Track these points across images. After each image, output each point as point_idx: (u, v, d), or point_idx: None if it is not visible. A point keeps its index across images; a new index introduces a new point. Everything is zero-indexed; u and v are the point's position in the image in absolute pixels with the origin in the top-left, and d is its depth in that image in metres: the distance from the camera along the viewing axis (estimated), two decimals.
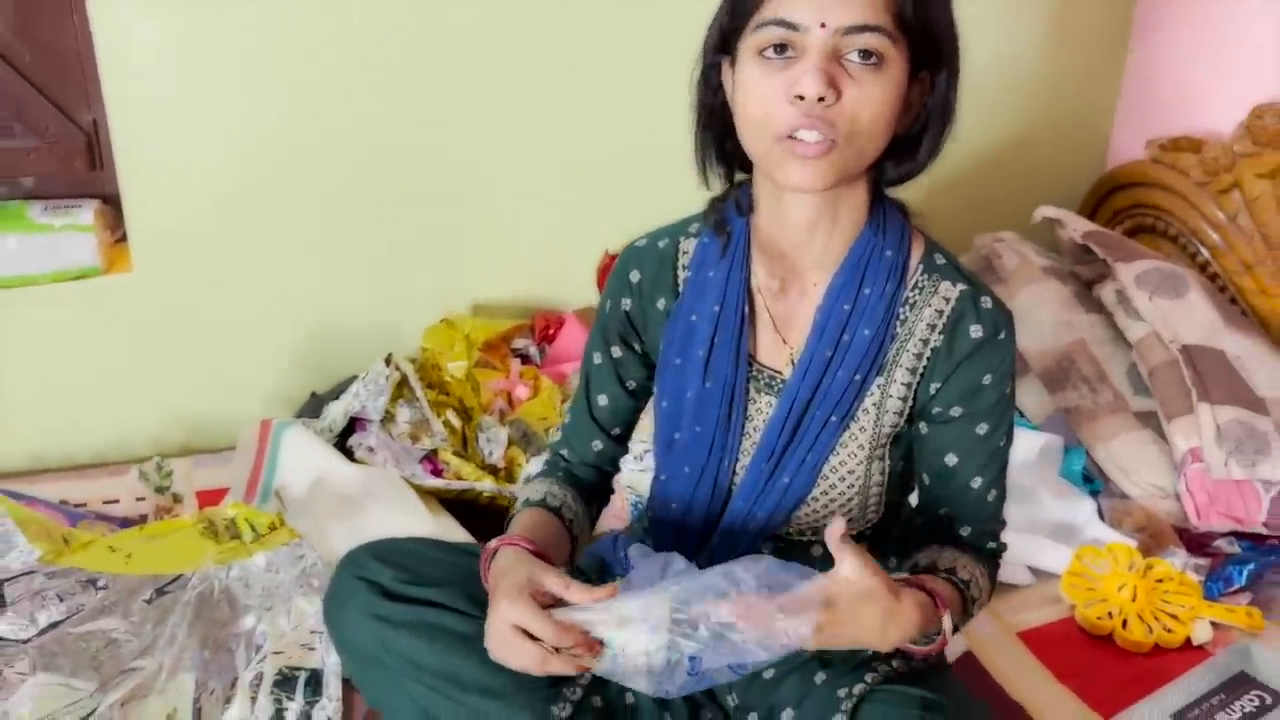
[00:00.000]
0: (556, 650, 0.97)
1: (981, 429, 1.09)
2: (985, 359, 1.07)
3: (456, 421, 1.83)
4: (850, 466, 1.12)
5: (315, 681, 1.31)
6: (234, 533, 1.49)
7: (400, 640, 1.13)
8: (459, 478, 1.72)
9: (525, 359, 2.01)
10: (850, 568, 0.95)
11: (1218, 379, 1.69)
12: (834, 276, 1.09)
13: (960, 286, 1.08)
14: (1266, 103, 2.00)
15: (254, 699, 1.29)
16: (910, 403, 1.10)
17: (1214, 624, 1.54)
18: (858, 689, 1.09)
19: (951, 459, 1.11)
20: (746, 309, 1.12)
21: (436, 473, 1.74)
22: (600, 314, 1.21)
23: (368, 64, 1.89)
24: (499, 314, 2.08)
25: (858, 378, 1.08)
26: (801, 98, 0.95)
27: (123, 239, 1.92)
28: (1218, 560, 1.66)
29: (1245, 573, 1.61)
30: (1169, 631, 1.52)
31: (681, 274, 1.15)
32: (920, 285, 1.09)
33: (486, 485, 1.69)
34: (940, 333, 1.07)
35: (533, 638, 0.98)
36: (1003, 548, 1.18)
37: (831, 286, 1.09)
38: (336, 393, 1.89)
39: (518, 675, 1.07)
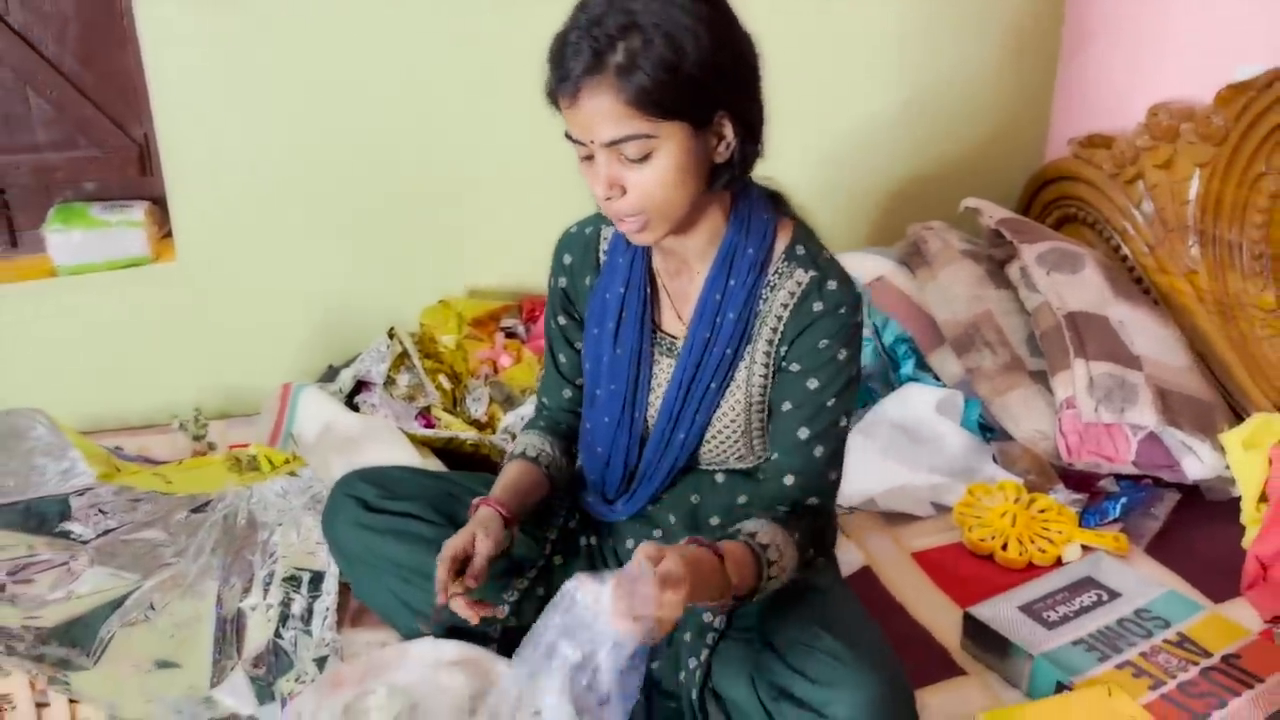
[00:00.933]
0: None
1: (813, 383, 1.25)
2: (823, 327, 1.23)
3: (448, 384, 2.10)
4: (732, 418, 1.31)
5: (317, 580, 1.59)
6: (254, 466, 1.78)
7: (380, 544, 1.39)
8: (447, 429, 1.98)
9: (513, 335, 2.26)
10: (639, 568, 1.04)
11: (1095, 339, 1.94)
12: (707, 272, 1.27)
13: (811, 273, 1.25)
14: (1161, 101, 2.25)
15: (266, 590, 1.57)
16: (772, 366, 1.28)
17: (1085, 547, 1.78)
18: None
19: (786, 405, 1.27)
20: (648, 289, 1.33)
21: (430, 426, 2.01)
22: (548, 289, 1.45)
23: (376, 82, 2.15)
24: (491, 298, 2.33)
25: (729, 352, 1.27)
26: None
27: (168, 234, 2.21)
28: (1098, 497, 1.90)
29: (1119, 506, 1.86)
30: (1042, 552, 1.76)
31: (602, 257, 1.37)
32: (780, 271, 1.26)
33: (470, 435, 1.95)
34: (790, 310, 1.25)
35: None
36: (824, 509, 1.28)
37: (704, 281, 1.28)
38: (349, 365, 2.17)
39: None
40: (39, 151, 2.18)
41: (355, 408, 2.05)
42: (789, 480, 1.27)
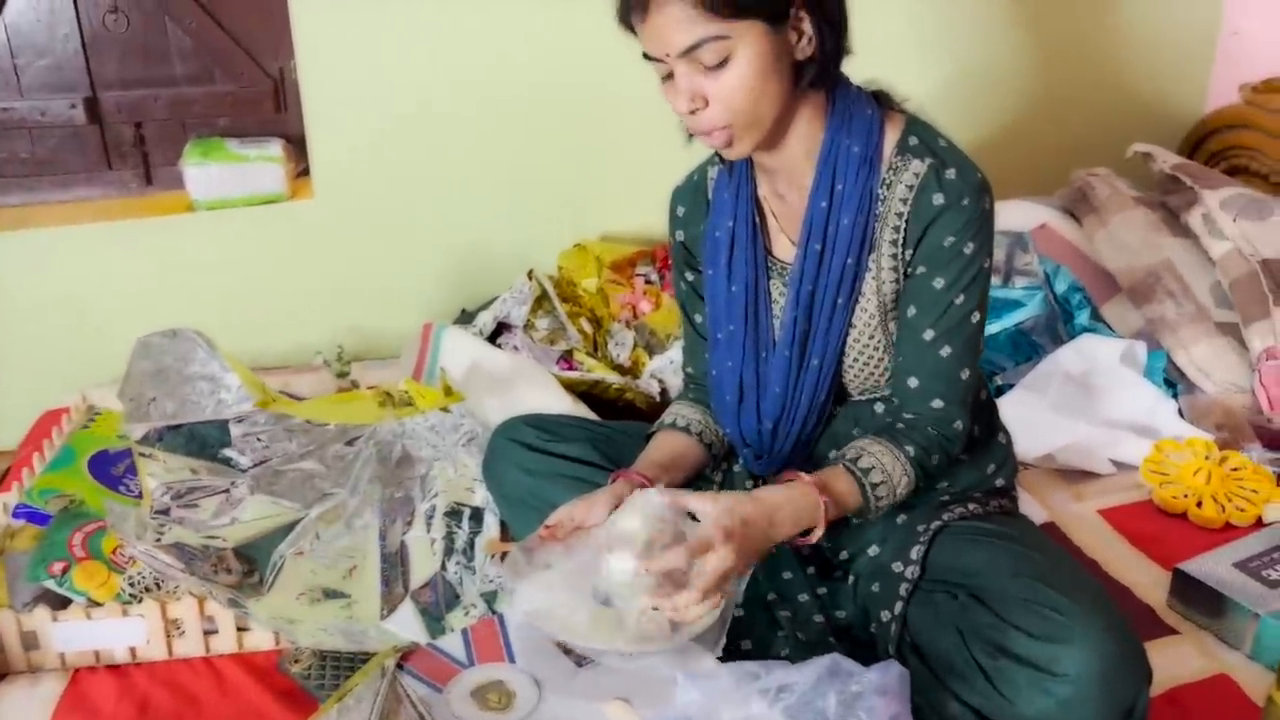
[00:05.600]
0: None
1: (938, 282, 1.17)
2: (947, 221, 1.15)
3: (589, 328, 2.04)
4: (869, 335, 1.22)
5: (477, 516, 1.54)
6: (406, 401, 1.73)
7: (544, 487, 1.35)
8: (591, 372, 1.92)
9: (649, 283, 2.18)
10: (705, 517, 1.08)
11: None
12: (812, 182, 1.20)
13: (927, 161, 1.16)
14: None
15: (429, 523, 1.53)
16: (901, 270, 1.20)
17: None
18: (934, 524, 1.24)
19: (911, 310, 1.19)
20: (756, 217, 1.26)
21: (571, 369, 1.95)
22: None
23: (522, 21, 2.09)
24: (624, 244, 2.26)
25: (850, 262, 1.19)
26: None
27: (304, 172, 2.17)
28: None
29: None
30: (1241, 511, 1.64)
31: (710, 197, 1.31)
32: (894, 167, 1.18)
33: (615, 378, 1.89)
34: (909, 205, 1.17)
35: None
36: (954, 421, 1.21)
37: (810, 189, 1.20)
38: (485, 308, 2.11)
39: None
40: (175, 85, 2.16)
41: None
42: (913, 383, 1.21)
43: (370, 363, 2.15)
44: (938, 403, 1.20)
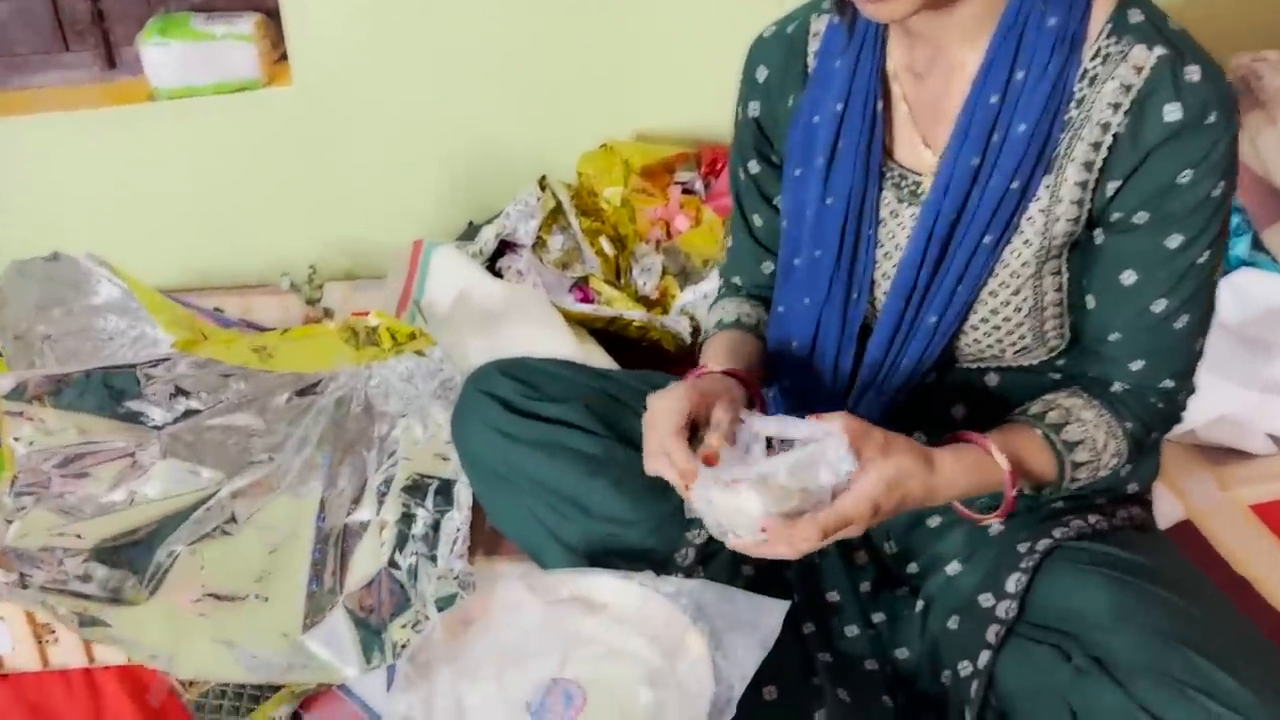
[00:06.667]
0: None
1: (1174, 240, 0.87)
2: (1183, 150, 0.84)
3: (610, 250, 1.77)
4: (1015, 289, 0.93)
5: (446, 491, 1.26)
6: (373, 340, 1.45)
7: (523, 457, 1.09)
8: (609, 306, 1.65)
9: (690, 192, 1.89)
10: (859, 484, 0.84)
11: None
12: (977, 63, 0.89)
13: (1158, 51, 0.84)
14: None
15: (381, 501, 1.24)
16: (1088, 204, 0.89)
17: None
18: (1042, 544, 0.95)
19: (1129, 276, 0.89)
20: (879, 102, 0.94)
21: (587, 300, 1.69)
22: (735, 123, 1.07)
23: None
24: (663, 144, 1.96)
25: (1015, 185, 0.88)
26: None
27: (283, 58, 1.89)
28: None
29: None
30: None
31: (810, 62, 0.99)
32: (1104, 53, 0.86)
33: (637, 314, 1.62)
34: (1125, 113, 0.85)
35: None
36: (1181, 394, 0.96)
37: (973, 78, 0.89)
38: (493, 221, 1.83)
39: (647, 501, 1.03)
40: None
41: (498, 274, 1.74)
42: (1137, 366, 0.93)
43: (362, 283, 1.91)
44: (1168, 383, 0.94)
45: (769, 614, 0.93)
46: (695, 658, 0.91)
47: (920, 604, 1.01)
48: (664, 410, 0.89)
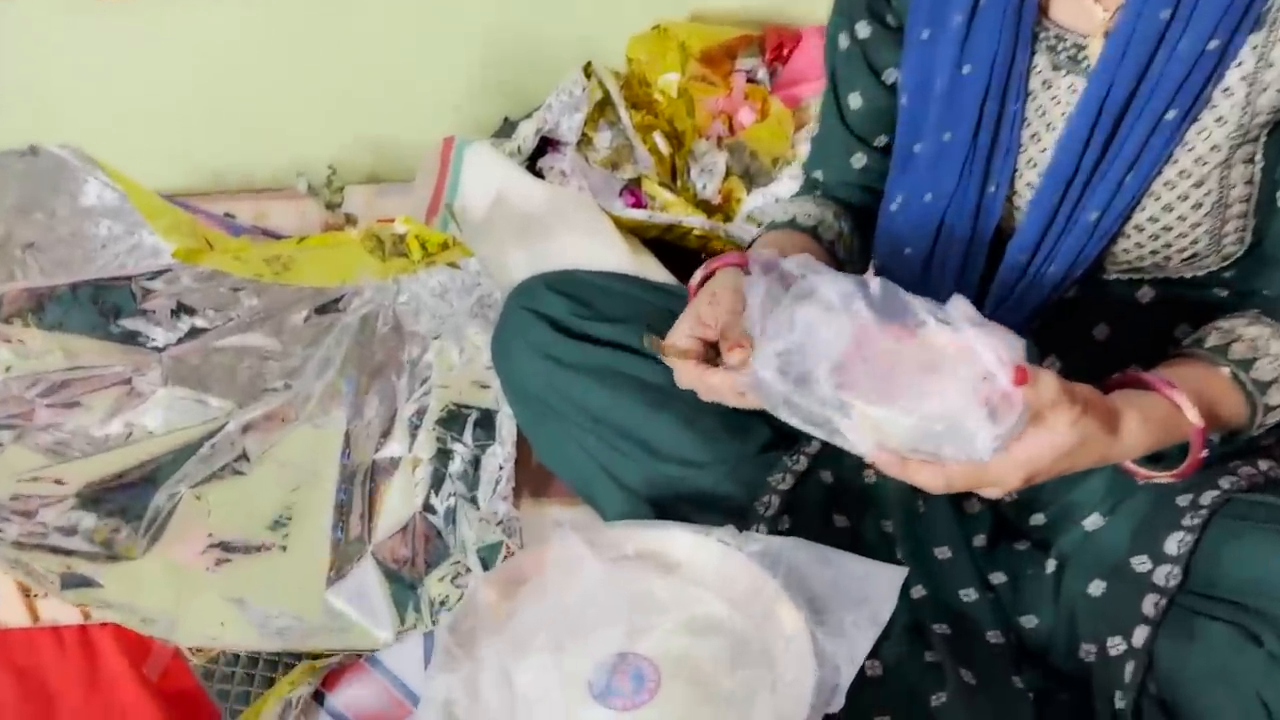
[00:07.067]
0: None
1: None
2: None
3: (665, 147, 1.64)
4: (1198, 178, 0.81)
5: (487, 423, 1.15)
6: (401, 250, 1.31)
7: (576, 386, 1.01)
8: (665, 211, 1.53)
9: (754, 81, 1.76)
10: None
11: None
12: None
13: None
14: None
15: (414, 435, 1.13)
16: None
17: None
18: (1208, 497, 0.81)
19: None
20: None
21: (639, 205, 1.57)
22: None
23: None
24: (723, 25, 1.81)
25: (1214, 45, 0.77)
26: None
27: None
28: None
29: None
30: None
31: None
32: None
33: (697, 221, 1.49)
34: None
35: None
36: None
37: None
38: (531, 116, 1.71)
39: (722, 440, 0.96)
40: None
41: (539, 175, 1.62)
42: None
43: (387, 187, 1.79)
44: None
45: (881, 581, 0.80)
46: (791, 633, 0.78)
47: (1052, 563, 0.88)
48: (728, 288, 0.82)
